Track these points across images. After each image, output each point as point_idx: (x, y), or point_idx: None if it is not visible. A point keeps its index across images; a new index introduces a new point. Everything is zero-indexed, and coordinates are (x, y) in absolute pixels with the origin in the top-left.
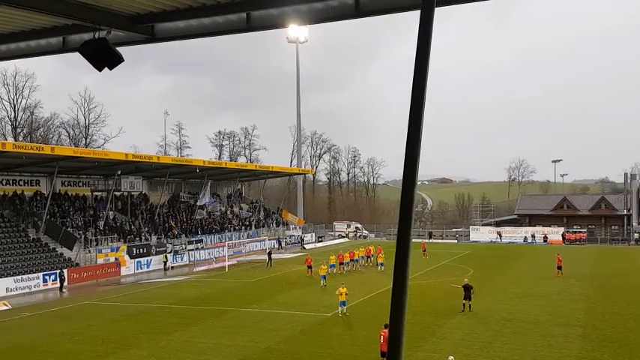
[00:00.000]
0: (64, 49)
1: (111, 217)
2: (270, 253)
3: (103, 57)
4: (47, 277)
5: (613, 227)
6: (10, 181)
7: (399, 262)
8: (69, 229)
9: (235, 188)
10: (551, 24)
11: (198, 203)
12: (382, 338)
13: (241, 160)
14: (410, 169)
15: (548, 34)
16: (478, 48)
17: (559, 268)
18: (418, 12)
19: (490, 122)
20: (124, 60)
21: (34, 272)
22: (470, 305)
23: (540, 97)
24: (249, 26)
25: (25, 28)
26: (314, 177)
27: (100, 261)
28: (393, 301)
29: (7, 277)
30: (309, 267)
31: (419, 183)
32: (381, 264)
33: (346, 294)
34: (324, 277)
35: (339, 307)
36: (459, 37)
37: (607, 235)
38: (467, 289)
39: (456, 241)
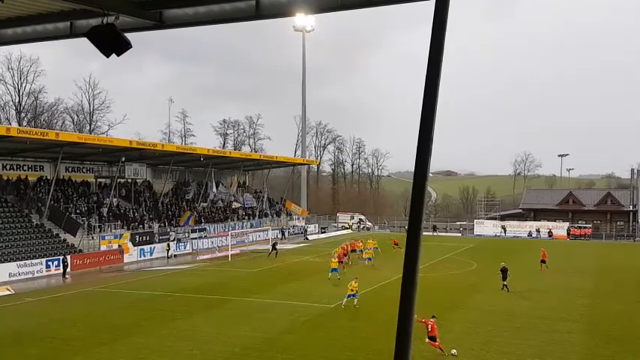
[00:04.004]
0: (71, 34)
1: (114, 204)
2: (275, 244)
3: (111, 43)
4: (50, 263)
5: (619, 223)
6: (14, 166)
7: (409, 256)
8: (72, 215)
9: (235, 186)
10: (558, 18)
11: (209, 197)
12: (430, 327)
13: (245, 149)
14: (421, 164)
15: (554, 29)
16: (484, 37)
17: (543, 262)
18: (428, 1)
19: (496, 115)
20: (132, 46)
21: (37, 258)
22: (506, 285)
23: (547, 92)
24: (257, 14)
25: (31, 12)
26: (318, 167)
27: (103, 247)
28: (403, 293)
29: (10, 262)
30: (345, 254)
31: None
32: (368, 259)
33: (355, 288)
34: (336, 270)
35: (345, 299)
36: (462, 26)
37: (612, 231)
38: (503, 271)
39: (460, 234)
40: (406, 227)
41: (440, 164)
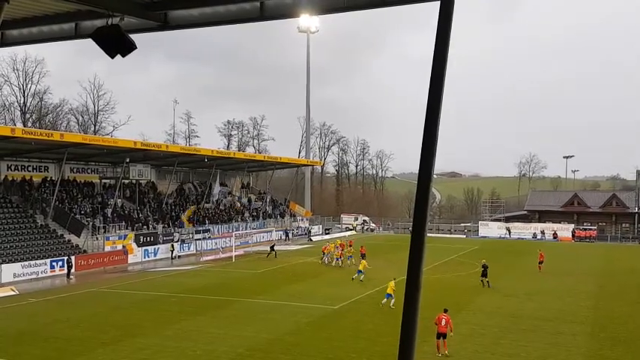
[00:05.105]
0: (76, 35)
1: (119, 205)
2: (272, 246)
3: (116, 44)
4: (55, 264)
5: (624, 225)
6: (19, 167)
7: (413, 258)
8: (77, 215)
9: (238, 187)
10: (558, 22)
11: (212, 198)
12: (444, 321)
13: (249, 150)
14: (425, 165)
15: (553, 33)
16: (484, 40)
17: (540, 263)
18: (430, 2)
19: (501, 116)
20: (136, 47)
21: (42, 258)
22: (488, 282)
23: (547, 93)
24: (262, 15)
25: (37, 13)
26: (322, 169)
27: (108, 248)
28: (407, 295)
29: (14, 262)
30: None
31: None
32: (350, 256)
33: (392, 288)
34: (361, 271)
35: (385, 299)
36: (462, 29)
37: (617, 233)
38: (484, 268)
39: (465, 236)
40: (410, 228)
41: (444, 165)
